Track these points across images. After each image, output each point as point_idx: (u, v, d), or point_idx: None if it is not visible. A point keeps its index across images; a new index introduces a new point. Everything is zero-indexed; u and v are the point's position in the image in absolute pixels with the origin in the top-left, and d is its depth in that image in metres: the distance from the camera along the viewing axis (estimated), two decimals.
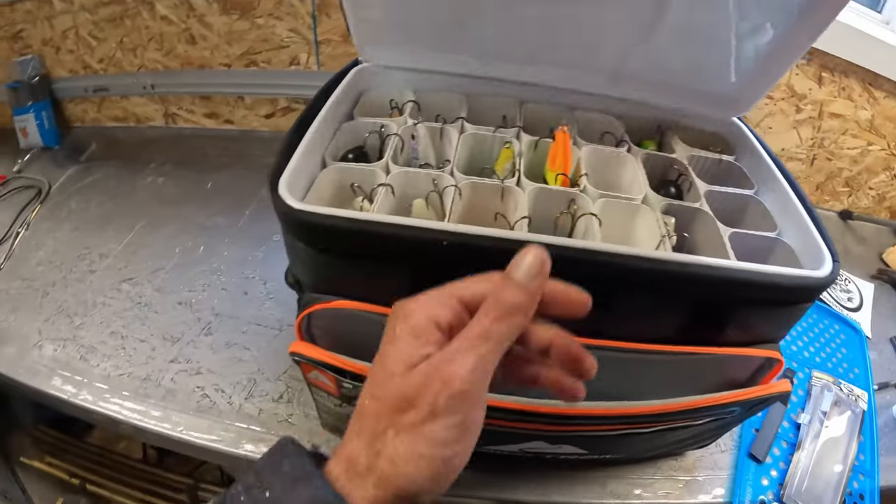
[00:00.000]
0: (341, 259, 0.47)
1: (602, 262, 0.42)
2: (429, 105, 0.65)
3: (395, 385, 0.26)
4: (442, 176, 0.52)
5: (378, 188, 0.51)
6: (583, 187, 0.53)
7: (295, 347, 0.54)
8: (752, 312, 0.48)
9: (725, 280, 0.44)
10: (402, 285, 0.47)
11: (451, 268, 0.44)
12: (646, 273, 0.43)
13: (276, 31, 0.95)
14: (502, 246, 0.41)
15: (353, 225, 0.43)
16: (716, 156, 0.64)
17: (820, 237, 0.51)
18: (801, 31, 0.56)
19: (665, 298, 0.46)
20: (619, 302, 0.45)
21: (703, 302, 0.46)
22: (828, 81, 0.97)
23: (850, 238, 1.08)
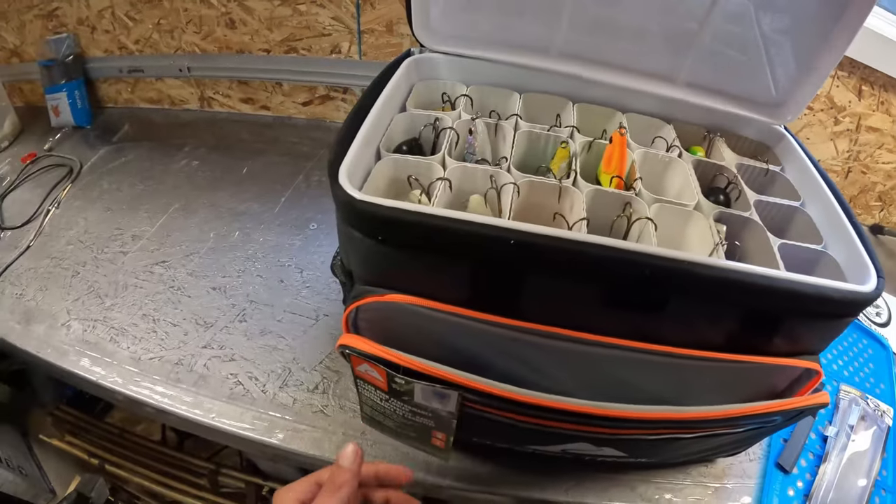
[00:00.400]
0: (399, 252, 0.48)
1: (660, 266, 0.43)
2: (482, 99, 0.66)
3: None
4: (499, 173, 0.53)
5: (436, 182, 0.52)
6: (638, 191, 0.54)
7: (345, 340, 0.54)
8: (798, 323, 0.49)
9: (777, 290, 0.45)
10: (459, 281, 0.48)
11: (510, 265, 0.45)
12: (701, 279, 0.44)
13: (318, 18, 0.95)
14: (565, 247, 0.42)
15: (415, 218, 0.44)
16: (763, 165, 0.65)
17: (865, 252, 0.52)
18: (836, 34, 0.57)
19: (716, 305, 0.47)
20: (671, 307, 0.46)
21: (752, 310, 0.47)
22: (867, 95, 0.97)
23: (880, 253, 1.07)
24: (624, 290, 0.44)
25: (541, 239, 0.42)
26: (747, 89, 0.67)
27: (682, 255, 0.42)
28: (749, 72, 0.66)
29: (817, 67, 0.61)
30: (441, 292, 0.48)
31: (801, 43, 0.61)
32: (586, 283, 0.44)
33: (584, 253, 0.41)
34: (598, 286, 0.44)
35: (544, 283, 0.45)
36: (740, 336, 0.49)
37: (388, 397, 0.55)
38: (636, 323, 0.47)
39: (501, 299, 0.47)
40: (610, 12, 0.61)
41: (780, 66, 0.65)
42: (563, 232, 0.41)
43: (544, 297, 0.46)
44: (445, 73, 0.67)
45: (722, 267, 0.43)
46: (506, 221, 0.42)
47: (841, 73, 0.96)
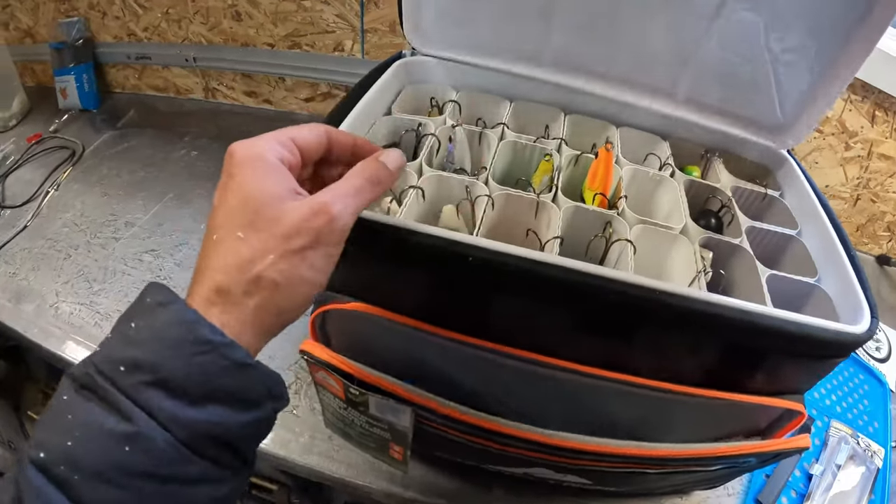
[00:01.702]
0: (359, 260, 0.45)
1: (627, 294, 0.39)
2: (470, 106, 0.62)
3: (278, 217, 0.28)
4: (475, 184, 0.50)
5: (408, 190, 0.49)
6: (621, 210, 0.50)
7: (305, 346, 0.52)
8: (781, 362, 0.46)
9: (757, 327, 0.41)
10: (419, 294, 0.45)
11: (470, 282, 0.42)
12: (673, 310, 0.40)
13: (323, 15, 0.93)
14: (524, 267, 0.39)
15: (373, 226, 0.41)
16: (761, 189, 0.61)
17: (861, 290, 0.48)
18: (846, 56, 0.53)
19: (691, 338, 0.43)
20: (644, 337, 0.43)
21: (731, 346, 0.44)
22: (881, 121, 0.92)
23: (885, 285, 1.03)
24: (590, 315, 0.40)
25: (500, 257, 0.38)
26: (750, 110, 0.63)
27: (652, 284, 0.38)
28: (754, 92, 0.62)
29: (825, 91, 0.57)
30: (402, 303, 0.45)
31: (811, 65, 0.57)
32: (550, 306, 0.40)
33: (544, 275, 0.38)
34: (562, 310, 0.40)
35: (507, 302, 0.42)
36: (717, 371, 0.45)
37: (346, 406, 0.52)
38: (605, 350, 0.44)
39: (462, 315, 0.44)
40: (607, 22, 0.57)
41: (787, 87, 0.60)
42: (525, 251, 0.38)
43: (507, 317, 0.43)
44: (436, 77, 0.64)
45: (696, 298, 0.40)
46: (465, 237, 0.39)
47: (854, 97, 0.91)
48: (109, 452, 0.24)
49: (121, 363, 0.25)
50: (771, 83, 0.61)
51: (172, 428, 0.25)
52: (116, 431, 0.24)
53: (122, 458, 0.24)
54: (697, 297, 0.39)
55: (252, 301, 0.27)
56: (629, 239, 0.46)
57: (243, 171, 0.28)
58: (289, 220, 0.28)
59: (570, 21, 0.57)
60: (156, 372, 0.25)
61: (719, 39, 0.56)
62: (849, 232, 1.04)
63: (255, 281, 0.27)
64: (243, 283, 0.27)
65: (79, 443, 0.24)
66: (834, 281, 0.51)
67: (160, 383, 0.25)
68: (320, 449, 0.65)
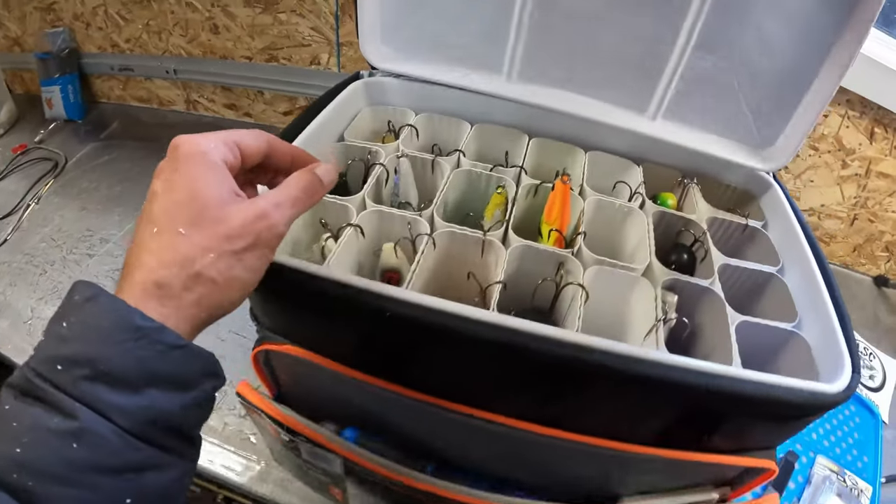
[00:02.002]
0: (287, 305, 0.42)
1: (561, 356, 0.35)
2: (429, 129, 0.58)
3: (221, 218, 0.28)
4: (417, 220, 0.45)
5: (345, 227, 0.44)
6: (577, 249, 0.45)
7: (240, 389, 0.49)
8: (746, 423, 0.41)
9: (714, 391, 0.36)
10: (348, 341, 0.41)
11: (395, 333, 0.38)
12: (616, 373, 0.35)
13: (298, 28, 0.89)
14: (445, 323, 0.34)
15: (289, 275, 0.38)
16: (741, 220, 0.55)
17: (844, 340, 0.42)
18: (827, 72, 0.48)
19: (641, 400, 0.38)
20: (586, 397, 0.38)
21: (687, 408, 0.39)
22: (880, 138, 0.85)
23: (882, 307, 0.96)
24: (522, 375, 0.36)
25: (417, 311, 0.34)
26: (730, 130, 0.57)
27: (586, 342, 0.34)
28: (732, 111, 0.56)
29: (804, 110, 0.52)
30: (332, 348, 0.42)
31: (784, 82, 0.52)
32: (478, 362, 0.36)
33: (464, 331, 0.33)
34: (492, 366, 0.36)
35: (433, 354, 0.37)
36: (673, 431, 0.40)
37: (282, 447, 0.48)
38: (545, 406, 0.39)
39: (392, 364, 0.40)
40: (574, 34, 0.52)
41: (762, 106, 0.55)
42: (442, 304, 0.34)
43: (435, 368, 0.38)
44: (395, 98, 0.59)
45: (641, 360, 0.35)
46: (385, 288, 0.35)
47: (852, 113, 0.84)
48: (58, 452, 0.23)
49: (57, 362, 0.25)
50: (742, 101, 0.55)
51: (115, 418, 0.24)
52: (62, 430, 0.24)
53: (71, 455, 0.23)
54: (644, 358, 0.34)
55: (190, 296, 0.27)
56: (581, 283, 0.41)
57: (188, 167, 0.28)
58: (232, 221, 0.28)
59: (534, 33, 0.52)
60: (93, 365, 0.24)
61: (692, 54, 0.51)
62: (845, 252, 0.98)
63: (194, 277, 0.27)
64: (183, 278, 0.27)
65: (27, 448, 0.23)
66: (815, 327, 0.46)
67: (98, 376, 0.24)
68: (275, 477, 0.62)
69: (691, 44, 0.50)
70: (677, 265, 0.51)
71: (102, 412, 0.24)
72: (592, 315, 0.43)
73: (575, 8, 0.50)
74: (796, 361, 0.45)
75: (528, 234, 0.48)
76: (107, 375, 0.24)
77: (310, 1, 0.85)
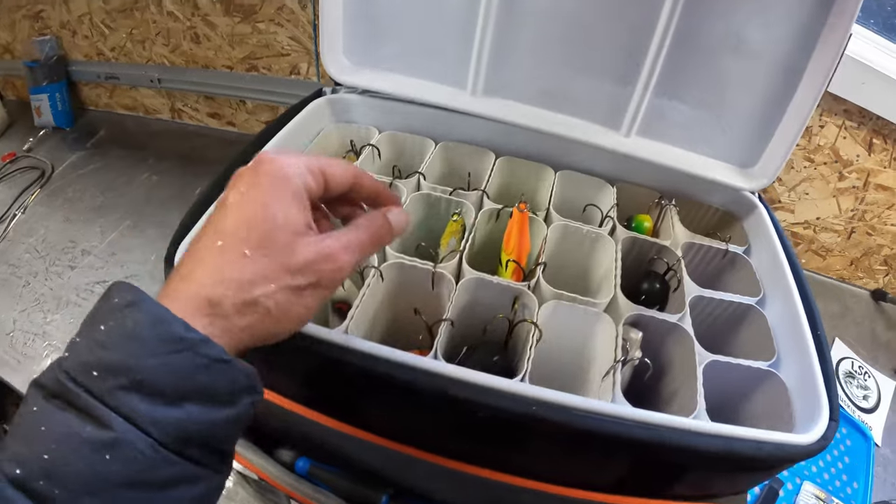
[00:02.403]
0: None
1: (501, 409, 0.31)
2: (393, 148, 0.54)
3: (289, 250, 0.27)
4: None
5: None
6: (534, 281, 0.42)
7: None
8: (709, 475, 0.37)
9: (668, 446, 0.32)
10: (288, 380, 0.38)
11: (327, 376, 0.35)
12: (557, 427, 0.31)
13: (277, 37, 0.86)
14: (378, 370, 0.31)
15: None
16: (721, 245, 0.51)
17: (823, 383, 0.38)
18: (807, 86, 0.45)
19: (594, 452, 0.35)
20: (534, 448, 0.34)
21: (643, 461, 0.35)
22: (879, 149, 0.80)
23: (879, 322, 0.91)
24: (464, 426, 0.32)
25: (343, 355, 0.31)
26: (710, 147, 0.53)
27: (525, 393, 0.30)
28: (710, 127, 0.52)
29: (786, 127, 0.48)
30: (275, 384, 0.38)
31: (763, 98, 0.48)
32: (412, 410, 0.32)
33: (395, 379, 0.30)
34: (427, 415, 0.32)
35: (371, 398, 0.34)
36: (630, 481, 0.37)
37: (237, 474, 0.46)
38: (492, 452, 0.36)
39: (333, 403, 0.36)
40: (540, 48, 0.48)
41: (741, 123, 0.51)
42: (377, 349, 0.30)
43: (377, 411, 0.35)
44: (360, 115, 0.55)
45: (585, 412, 0.31)
46: (318, 330, 0.31)
47: (849, 124, 0.79)
48: (89, 462, 0.22)
49: (94, 368, 0.23)
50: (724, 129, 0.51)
51: (152, 431, 0.23)
52: (95, 439, 0.22)
53: (103, 467, 0.22)
54: (583, 409, 0.31)
55: (241, 321, 0.26)
56: (534, 321, 0.38)
57: (268, 187, 0.27)
58: (300, 256, 0.27)
59: (500, 41, 0.48)
60: (130, 374, 0.23)
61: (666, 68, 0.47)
62: (842, 266, 0.93)
63: (251, 304, 0.26)
64: (238, 301, 0.25)
65: (57, 455, 0.22)
66: (794, 366, 0.42)
67: (135, 386, 0.23)
68: (241, 497, 0.59)
69: (661, 58, 0.46)
70: (648, 295, 0.48)
71: (139, 424, 0.23)
72: (550, 353, 0.39)
73: (538, 22, 0.46)
74: (771, 403, 0.41)
75: (489, 263, 0.45)
76: (144, 386, 0.23)
77: (288, 10, 0.81)
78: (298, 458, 0.50)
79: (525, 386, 0.30)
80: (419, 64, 0.51)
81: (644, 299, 0.47)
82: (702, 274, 0.52)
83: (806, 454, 0.35)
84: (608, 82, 0.49)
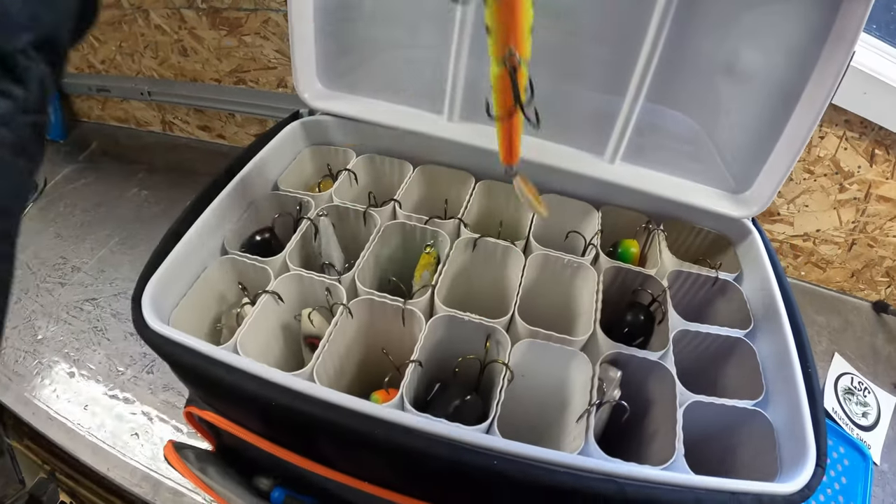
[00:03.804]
0: (193, 381, 0.37)
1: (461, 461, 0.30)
2: (372, 172, 0.53)
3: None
4: (335, 287, 0.40)
5: (262, 294, 0.40)
6: (508, 317, 0.40)
7: (166, 452, 0.45)
8: None
9: (636, 500, 0.30)
10: (257, 418, 0.37)
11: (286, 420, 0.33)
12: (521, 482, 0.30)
13: (263, 51, 0.84)
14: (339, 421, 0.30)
15: (187, 360, 0.34)
16: (711, 273, 0.49)
17: (812, 427, 0.37)
18: (803, 110, 0.43)
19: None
20: (501, 499, 0.33)
21: None
22: (881, 160, 0.78)
23: (881, 335, 0.89)
24: (428, 474, 0.31)
25: (305, 404, 0.29)
26: (699, 174, 0.51)
27: (486, 444, 0.28)
28: (699, 153, 0.50)
29: (780, 152, 0.46)
30: (247, 422, 0.37)
31: (756, 123, 0.46)
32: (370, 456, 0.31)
33: (350, 428, 0.29)
34: (386, 463, 0.31)
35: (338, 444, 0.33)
36: None
37: None
38: (468, 499, 0.34)
39: (299, 443, 0.35)
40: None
41: (733, 149, 0.49)
42: (335, 397, 0.29)
43: (347, 456, 0.34)
44: (338, 137, 0.54)
45: (547, 464, 0.29)
46: (275, 374, 0.30)
47: (850, 134, 0.77)
48: None
49: None
50: (711, 144, 0.49)
51: None
52: None
53: None
54: (547, 461, 0.29)
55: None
56: (505, 362, 0.36)
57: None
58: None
59: (476, 66, 0.46)
60: None
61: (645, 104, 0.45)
62: (843, 278, 0.90)
63: None
64: None
65: None
66: (782, 406, 0.40)
67: None
68: None
69: (648, 80, 0.44)
70: (632, 327, 0.46)
71: None
72: (524, 393, 0.38)
73: None
74: (757, 445, 0.40)
75: (465, 297, 0.43)
76: None
77: (273, 23, 0.80)
78: (275, 489, 0.49)
79: (483, 437, 0.29)
80: (394, 89, 0.50)
81: (627, 332, 0.45)
82: (690, 302, 0.50)
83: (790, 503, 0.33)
84: (591, 106, 0.47)
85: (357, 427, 0.30)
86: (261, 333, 0.40)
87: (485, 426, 0.33)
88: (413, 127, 0.49)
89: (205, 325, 0.44)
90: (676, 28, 0.42)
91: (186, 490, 0.61)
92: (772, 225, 0.87)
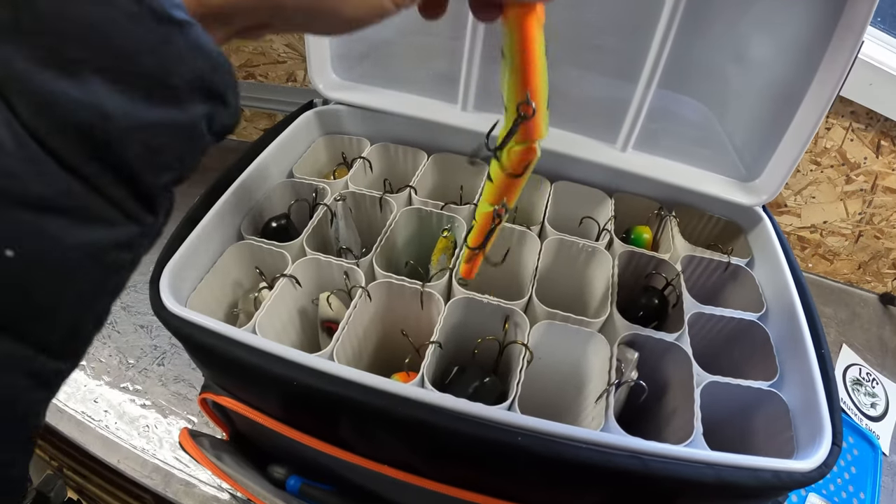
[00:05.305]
0: (212, 363, 0.38)
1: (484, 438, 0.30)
2: (386, 160, 0.53)
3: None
4: (353, 270, 0.40)
5: (279, 278, 0.40)
6: (526, 299, 0.40)
7: (182, 439, 0.45)
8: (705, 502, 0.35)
9: (657, 476, 0.31)
10: (275, 401, 0.37)
11: (309, 401, 0.34)
12: (543, 458, 0.30)
13: (273, 45, 0.84)
14: (361, 399, 0.30)
15: (208, 341, 0.34)
16: (723, 258, 0.49)
17: (827, 405, 0.37)
18: (811, 99, 0.43)
19: (584, 480, 0.33)
20: (522, 475, 0.33)
21: (635, 489, 0.33)
22: (887, 151, 0.78)
23: (888, 328, 0.89)
24: (450, 452, 0.31)
25: (328, 383, 0.29)
26: (709, 161, 0.51)
27: (509, 421, 0.29)
28: (710, 141, 0.50)
29: (789, 140, 0.46)
30: (266, 406, 0.37)
31: (766, 110, 0.46)
32: (395, 436, 0.31)
33: (374, 406, 0.29)
34: (409, 441, 0.31)
35: (355, 423, 0.33)
36: None
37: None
38: (479, 478, 0.34)
39: (320, 426, 0.36)
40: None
41: (743, 137, 0.49)
42: (360, 376, 0.29)
43: (362, 436, 0.34)
44: (351, 126, 0.54)
45: (569, 440, 0.30)
46: (298, 356, 0.31)
47: (857, 126, 0.77)
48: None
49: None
50: (720, 131, 0.49)
51: (18, 105, 0.14)
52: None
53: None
54: (567, 437, 0.29)
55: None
56: (525, 343, 0.36)
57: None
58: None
59: (489, 65, 0.47)
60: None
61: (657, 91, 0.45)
62: (849, 270, 0.91)
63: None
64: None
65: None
66: (796, 387, 0.40)
67: (8, 31, 0.14)
68: None
69: (660, 69, 0.45)
70: (646, 311, 0.46)
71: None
72: (542, 374, 0.38)
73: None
74: (773, 425, 0.40)
75: (481, 279, 0.43)
76: (22, 32, 0.14)
77: None
78: (290, 476, 0.49)
79: (508, 414, 0.29)
80: (408, 79, 0.50)
81: (642, 315, 0.45)
82: (703, 287, 0.51)
83: (806, 482, 0.33)
84: (604, 94, 0.47)
85: (381, 405, 0.30)
86: (278, 317, 0.40)
87: (506, 405, 0.33)
88: (427, 116, 0.50)
89: (221, 309, 0.44)
90: (688, 15, 0.42)
91: (198, 481, 0.61)
92: (779, 216, 0.87)
